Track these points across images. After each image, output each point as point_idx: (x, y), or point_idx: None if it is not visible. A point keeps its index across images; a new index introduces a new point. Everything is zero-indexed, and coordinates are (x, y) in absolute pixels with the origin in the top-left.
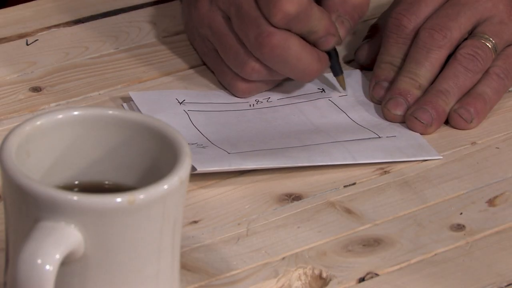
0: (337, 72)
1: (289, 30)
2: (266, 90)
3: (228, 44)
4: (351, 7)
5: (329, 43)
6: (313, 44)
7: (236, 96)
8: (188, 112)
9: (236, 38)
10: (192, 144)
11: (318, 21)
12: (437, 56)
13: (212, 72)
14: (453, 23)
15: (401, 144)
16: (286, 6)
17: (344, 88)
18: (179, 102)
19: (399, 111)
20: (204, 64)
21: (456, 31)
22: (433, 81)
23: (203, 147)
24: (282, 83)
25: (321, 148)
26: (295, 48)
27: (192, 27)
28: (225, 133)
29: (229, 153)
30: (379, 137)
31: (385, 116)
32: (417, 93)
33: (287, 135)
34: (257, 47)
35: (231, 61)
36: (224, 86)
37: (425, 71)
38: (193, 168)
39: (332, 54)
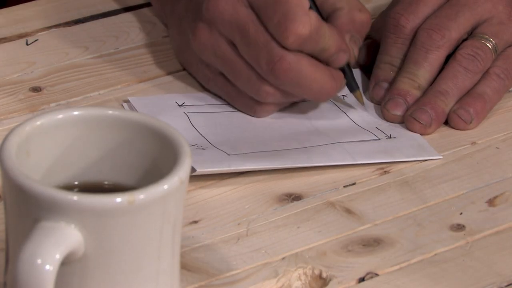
0: (353, 87)
1: (300, 51)
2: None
3: (238, 70)
4: (359, 25)
5: (342, 60)
6: (326, 63)
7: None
8: (188, 113)
9: (245, 63)
10: (192, 145)
11: (328, 39)
12: (436, 57)
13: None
14: (452, 23)
15: (400, 145)
16: (298, 28)
17: (362, 103)
18: (178, 105)
19: (398, 112)
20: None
21: (455, 31)
22: (432, 81)
23: (203, 149)
24: None
25: (321, 150)
26: (308, 69)
27: (189, 54)
28: (225, 135)
29: (228, 155)
30: (379, 139)
31: (385, 116)
32: (416, 93)
33: (287, 137)
34: (270, 72)
35: (243, 86)
36: (239, 109)
37: (424, 71)
38: (193, 169)
39: (346, 71)
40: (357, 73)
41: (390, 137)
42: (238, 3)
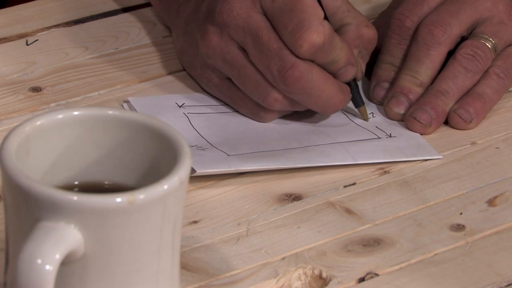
0: (358, 103)
1: (311, 61)
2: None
3: (246, 76)
4: (367, 41)
5: (349, 74)
6: (334, 75)
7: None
8: (187, 114)
9: (255, 69)
10: (192, 146)
11: (340, 51)
12: (437, 53)
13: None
14: (453, 19)
15: (401, 144)
16: (312, 36)
17: (366, 119)
18: (178, 105)
19: (401, 110)
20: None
21: (456, 27)
22: (434, 78)
23: (203, 149)
24: None
25: (321, 149)
26: (318, 79)
27: (193, 56)
28: (224, 135)
29: (228, 155)
30: (379, 137)
31: (387, 114)
32: (418, 90)
33: (287, 137)
34: (280, 79)
35: (250, 92)
36: (243, 114)
37: (425, 68)
38: (193, 170)
39: (352, 85)
40: None
41: (390, 136)
42: (253, 9)
